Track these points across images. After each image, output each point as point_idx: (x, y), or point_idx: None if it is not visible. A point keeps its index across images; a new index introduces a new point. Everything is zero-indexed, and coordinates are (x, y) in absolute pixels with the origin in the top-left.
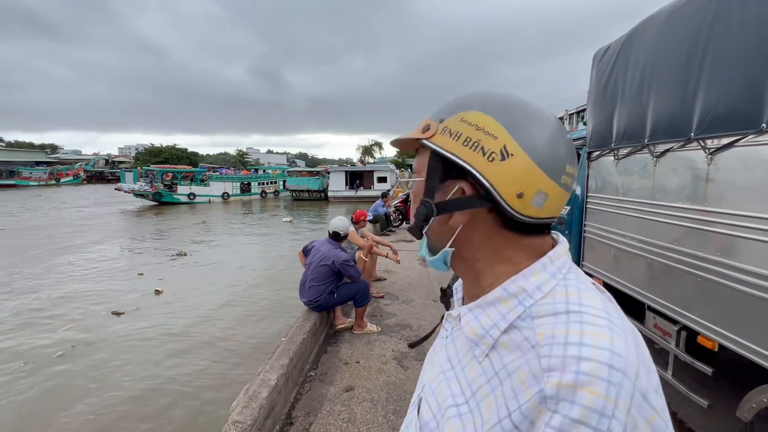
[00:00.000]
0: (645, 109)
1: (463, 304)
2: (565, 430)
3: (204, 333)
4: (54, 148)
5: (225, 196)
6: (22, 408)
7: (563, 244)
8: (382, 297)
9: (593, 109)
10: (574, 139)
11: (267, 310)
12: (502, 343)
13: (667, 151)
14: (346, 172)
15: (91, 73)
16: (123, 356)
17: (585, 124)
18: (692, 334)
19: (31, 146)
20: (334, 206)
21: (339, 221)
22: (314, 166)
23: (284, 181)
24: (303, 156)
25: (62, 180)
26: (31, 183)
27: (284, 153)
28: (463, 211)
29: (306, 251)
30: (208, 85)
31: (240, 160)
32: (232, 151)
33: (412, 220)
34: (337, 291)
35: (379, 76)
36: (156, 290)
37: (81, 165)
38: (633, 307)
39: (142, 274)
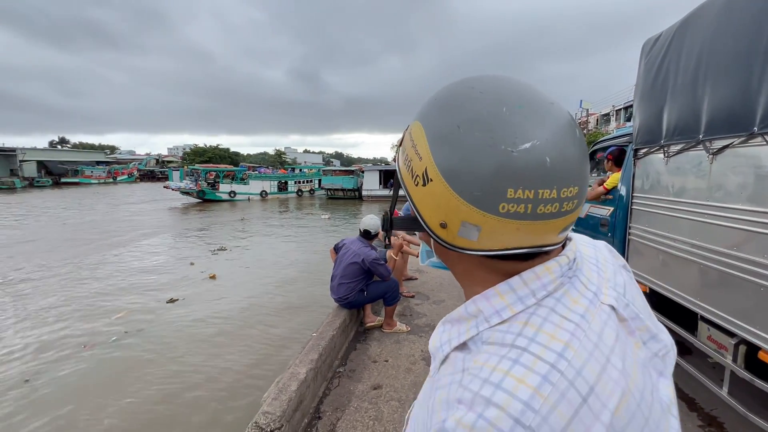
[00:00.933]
0: (700, 102)
1: None
2: None
3: (240, 325)
4: (112, 149)
5: (263, 194)
6: (81, 386)
7: (558, 259)
8: (412, 296)
9: (641, 104)
10: (620, 136)
11: (299, 305)
12: (449, 358)
13: (726, 147)
14: (380, 171)
15: (146, 78)
16: (169, 341)
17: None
18: (752, 348)
19: (92, 147)
20: (368, 205)
21: (370, 220)
22: (349, 165)
23: (319, 180)
24: (338, 155)
25: (118, 178)
26: (92, 181)
27: (320, 152)
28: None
29: (337, 249)
30: (251, 88)
31: (278, 160)
32: (271, 150)
33: None
34: (367, 289)
35: (414, 75)
36: (210, 276)
37: (135, 164)
38: (683, 317)
39: (193, 264)
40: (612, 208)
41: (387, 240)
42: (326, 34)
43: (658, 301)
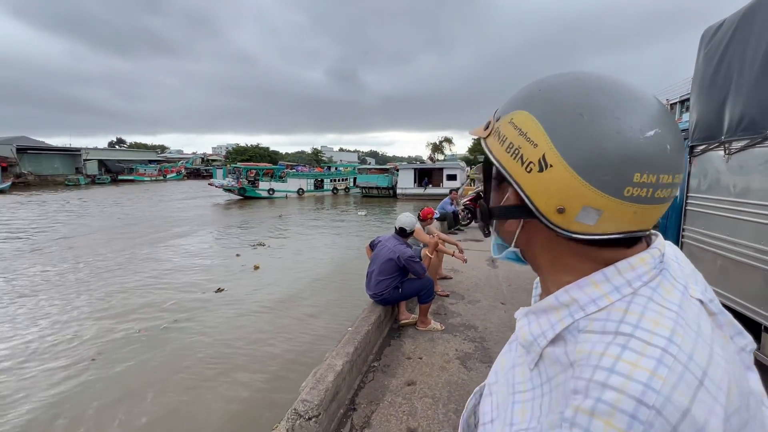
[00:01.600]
0: None
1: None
2: None
3: (279, 316)
4: (162, 148)
5: (300, 192)
6: (139, 365)
7: (650, 251)
8: (447, 295)
9: (699, 97)
10: None
11: (334, 300)
12: (547, 354)
13: None
14: (415, 169)
15: (194, 82)
16: (214, 328)
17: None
18: None
19: (145, 147)
20: (402, 203)
21: (406, 217)
22: (384, 163)
23: (355, 178)
24: (373, 154)
25: (168, 176)
26: (145, 178)
27: (355, 151)
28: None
29: (373, 246)
30: (290, 88)
31: (315, 158)
32: (308, 149)
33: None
34: (402, 286)
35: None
36: (254, 266)
37: (182, 163)
38: (745, 328)
39: (239, 255)
40: None
41: (486, 229)
42: (364, 34)
43: None
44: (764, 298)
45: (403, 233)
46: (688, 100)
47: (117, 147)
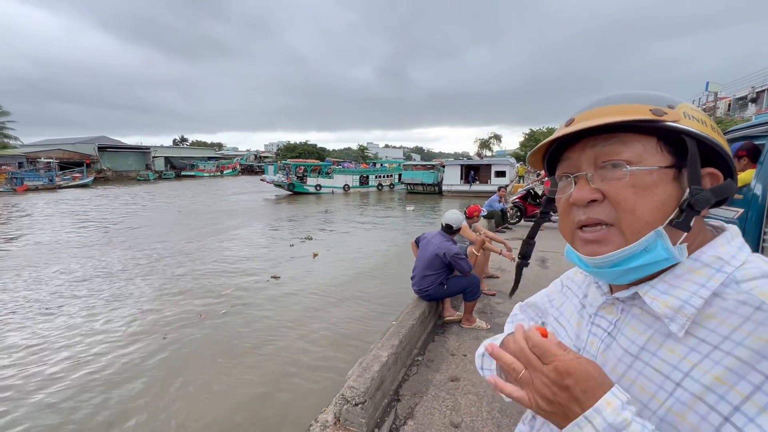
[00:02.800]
0: None
1: (612, 293)
2: None
3: (328, 306)
4: (219, 146)
5: (346, 188)
6: (201, 347)
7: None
8: (493, 294)
9: None
10: (759, 125)
11: (380, 294)
12: (707, 315)
13: None
14: (462, 165)
15: (250, 82)
16: (267, 314)
17: None
18: None
19: (204, 145)
20: (448, 200)
21: (452, 214)
22: (429, 159)
23: (400, 175)
24: (419, 150)
25: (225, 172)
26: (204, 174)
27: (400, 147)
28: None
29: (418, 242)
30: (339, 86)
31: (360, 155)
32: (354, 146)
33: (667, 213)
34: (447, 283)
35: (502, 67)
36: (314, 254)
37: (237, 159)
38: None
39: (293, 245)
40: (741, 210)
41: (688, 225)
42: (415, 31)
43: None
44: None
45: (449, 230)
46: None
47: (180, 145)
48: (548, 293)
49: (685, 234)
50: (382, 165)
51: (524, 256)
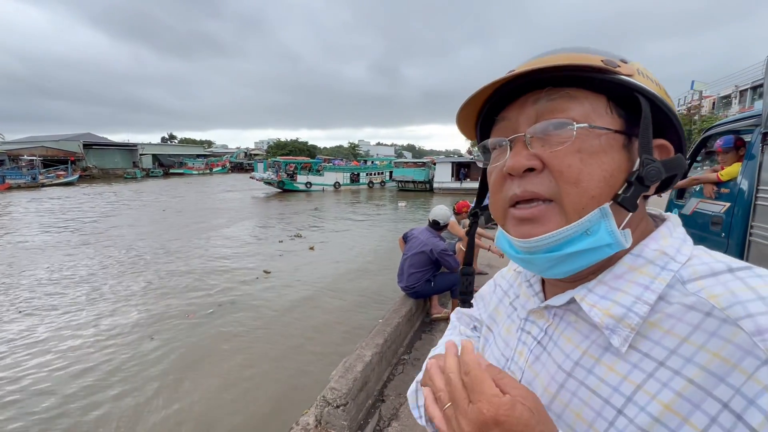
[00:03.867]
0: None
1: (546, 295)
2: None
3: (313, 305)
4: (209, 144)
5: (336, 186)
6: (189, 346)
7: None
8: None
9: None
10: (743, 119)
11: (368, 292)
12: (650, 323)
13: None
14: (453, 162)
15: (241, 80)
16: (255, 313)
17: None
18: None
19: (194, 142)
20: (439, 197)
21: (439, 210)
22: (420, 157)
23: (391, 172)
24: (410, 147)
25: (214, 170)
26: (193, 172)
27: (392, 145)
28: None
29: (406, 238)
30: (331, 84)
31: (351, 152)
32: (345, 143)
33: (604, 185)
34: (434, 280)
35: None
36: (310, 247)
37: (227, 157)
38: None
39: (282, 241)
40: (728, 204)
41: (634, 205)
42: (408, 29)
43: None
44: None
45: (436, 226)
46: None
47: (168, 142)
48: (482, 295)
49: (629, 217)
50: (372, 162)
51: (467, 263)
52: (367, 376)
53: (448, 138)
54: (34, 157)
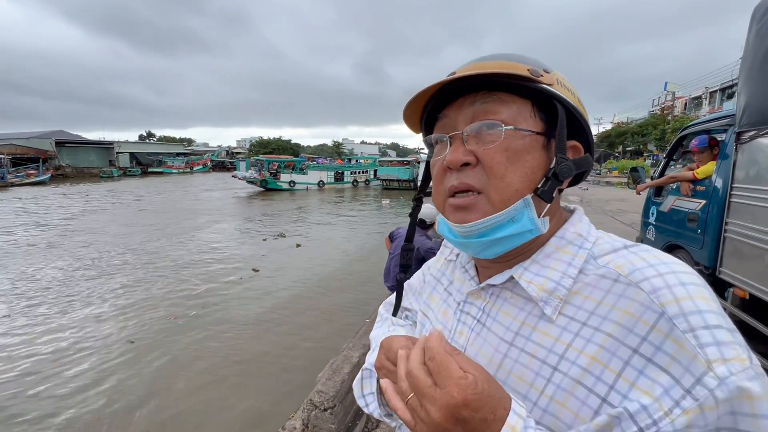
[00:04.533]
0: None
1: (480, 278)
2: (705, 339)
3: (297, 306)
4: (190, 142)
5: (320, 184)
6: (172, 349)
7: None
8: None
9: (749, 79)
10: (717, 118)
11: (353, 292)
12: (573, 292)
13: None
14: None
15: (224, 77)
16: (237, 315)
17: (731, 97)
18: None
19: (173, 140)
20: (424, 196)
21: (426, 209)
22: (405, 155)
23: (375, 171)
24: (394, 146)
25: (195, 168)
26: (173, 171)
27: (376, 143)
28: None
29: (392, 237)
30: (315, 82)
31: (336, 151)
32: (329, 142)
33: (528, 180)
34: None
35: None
36: (297, 244)
37: (208, 156)
38: None
39: (266, 239)
40: (703, 201)
41: (550, 197)
42: (393, 29)
43: (761, 309)
44: None
45: (422, 224)
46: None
47: (147, 140)
48: (411, 285)
49: (547, 207)
50: (357, 161)
51: (404, 268)
52: (354, 378)
53: None
54: (2, 156)
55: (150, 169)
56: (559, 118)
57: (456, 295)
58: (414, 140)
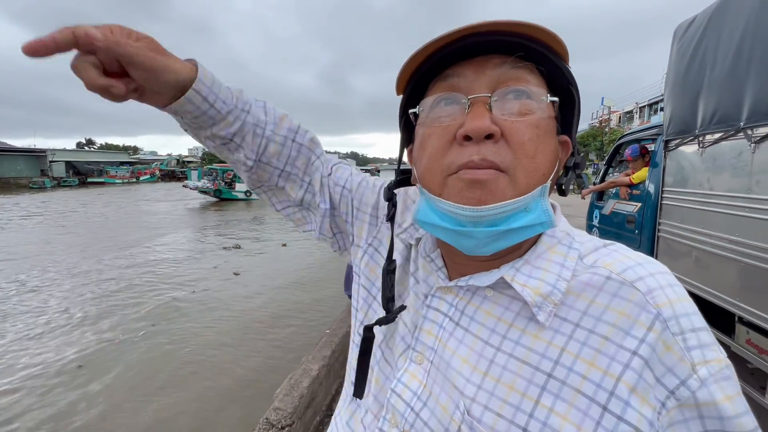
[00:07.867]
0: (742, 88)
1: (450, 272)
2: (692, 342)
3: (255, 320)
4: (135, 150)
5: None
6: (120, 374)
7: None
8: None
9: (673, 92)
10: (648, 129)
11: (312, 302)
12: (569, 291)
13: None
14: (397, 169)
15: None
16: (189, 333)
17: (660, 111)
18: None
19: (117, 148)
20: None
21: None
22: (364, 164)
23: None
24: (353, 155)
25: (141, 178)
26: (116, 181)
27: (335, 152)
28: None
29: None
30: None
31: None
32: None
33: (554, 168)
34: None
35: None
36: (283, 244)
37: (156, 165)
38: (720, 319)
39: (227, 248)
40: (639, 204)
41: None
42: (355, 44)
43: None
44: (737, 290)
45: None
46: (655, 103)
47: (86, 148)
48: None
49: (549, 201)
50: None
51: (388, 301)
52: (314, 392)
53: (392, 146)
54: None
55: (89, 179)
56: (576, 105)
57: (423, 285)
58: (373, 149)
